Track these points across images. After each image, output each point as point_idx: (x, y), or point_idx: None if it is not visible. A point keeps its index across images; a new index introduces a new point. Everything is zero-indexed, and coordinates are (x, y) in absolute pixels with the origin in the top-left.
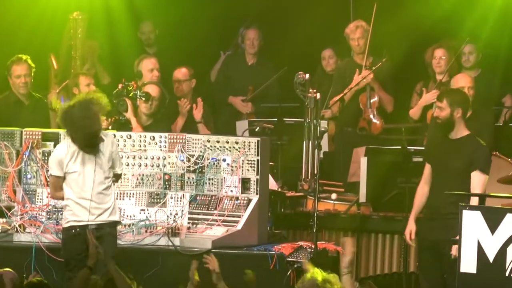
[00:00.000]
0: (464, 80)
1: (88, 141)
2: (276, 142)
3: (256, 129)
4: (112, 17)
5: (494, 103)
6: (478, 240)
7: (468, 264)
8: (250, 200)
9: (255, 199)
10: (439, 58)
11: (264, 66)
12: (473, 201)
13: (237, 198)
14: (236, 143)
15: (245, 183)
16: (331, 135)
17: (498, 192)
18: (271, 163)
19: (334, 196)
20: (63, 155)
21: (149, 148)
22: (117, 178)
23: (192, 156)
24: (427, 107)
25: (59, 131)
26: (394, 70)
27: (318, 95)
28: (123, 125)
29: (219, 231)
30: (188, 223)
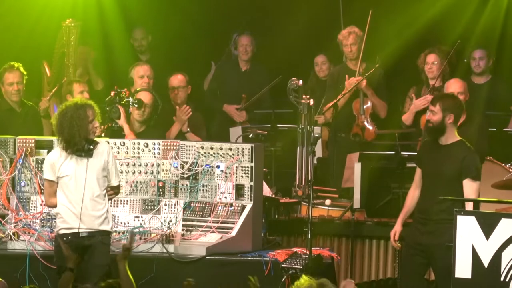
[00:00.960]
0: (454, 85)
1: (79, 142)
2: (269, 149)
3: (250, 135)
4: (105, 24)
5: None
6: (472, 245)
7: (463, 269)
8: (244, 207)
9: (249, 205)
10: (431, 63)
11: (257, 73)
12: (468, 207)
13: (231, 205)
14: (230, 149)
15: (239, 190)
16: (325, 141)
17: (492, 197)
18: (265, 169)
19: (328, 202)
20: (56, 158)
21: (142, 155)
22: (115, 191)
23: (186, 163)
24: (420, 112)
25: (53, 138)
26: (387, 76)
27: (312, 101)
28: (116, 132)
29: (214, 238)
30: (182, 230)
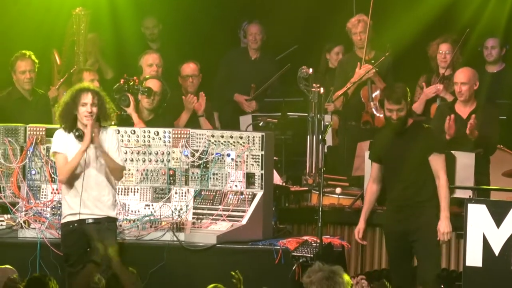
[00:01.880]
0: (459, 76)
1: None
2: (280, 137)
3: (260, 123)
4: (116, 12)
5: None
6: (483, 233)
7: (473, 258)
8: (254, 195)
9: (259, 193)
10: (444, 52)
11: (267, 61)
12: (441, 181)
13: (241, 193)
14: (240, 138)
15: (249, 178)
16: (335, 129)
17: (503, 186)
18: (275, 158)
19: (338, 190)
20: (65, 135)
21: (153, 143)
22: (117, 173)
23: (196, 151)
24: (431, 101)
25: None
26: (396, 64)
27: (322, 90)
28: (124, 120)
29: (224, 226)
30: (193, 218)
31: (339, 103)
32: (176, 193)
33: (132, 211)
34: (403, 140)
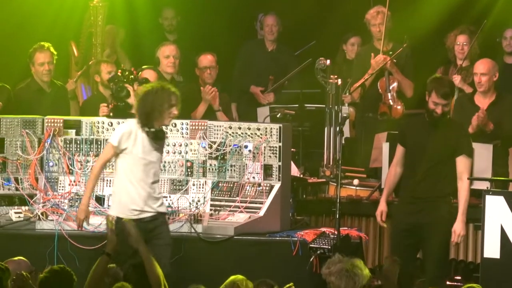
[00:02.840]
0: (479, 67)
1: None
2: (297, 128)
3: (278, 115)
4: (132, 3)
5: None
6: (501, 225)
7: (491, 249)
8: (272, 187)
9: (277, 185)
10: (462, 44)
11: (284, 53)
12: (463, 183)
13: (259, 185)
14: (258, 129)
15: (267, 170)
16: (352, 121)
17: None
18: (293, 150)
19: (356, 182)
20: (132, 130)
21: (170, 135)
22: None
23: (214, 142)
24: None
25: (81, 118)
26: (414, 55)
27: (340, 81)
28: (122, 111)
29: (242, 218)
30: (211, 209)
31: (356, 95)
32: (193, 184)
33: None
34: (435, 132)
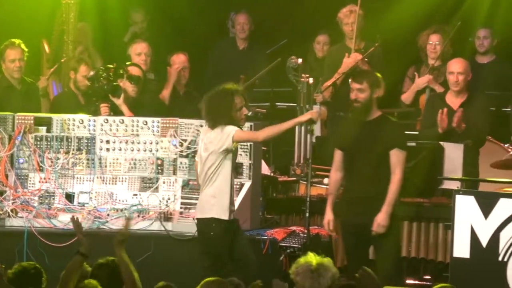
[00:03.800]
0: (455, 66)
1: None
2: None
3: (249, 113)
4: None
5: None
6: (471, 224)
7: (461, 249)
8: (242, 185)
9: (247, 184)
10: (434, 43)
11: (255, 51)
12: (395, 177)
13: None
14: None
15: (237, 168)
16: (323, 120)
17: (492, 177)
18: (264, 148)
19: (326, 181)
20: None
21: (141, 132)
22: None
23: (184, 140)
24: (420, 92)
25: (52, 116)
26: (386, 55)
27: (311, 80)
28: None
29: None
30: (181, 208)
31: (328, 94)
32: (164, 182)
33: (119, 201)
34: (368, 131)
